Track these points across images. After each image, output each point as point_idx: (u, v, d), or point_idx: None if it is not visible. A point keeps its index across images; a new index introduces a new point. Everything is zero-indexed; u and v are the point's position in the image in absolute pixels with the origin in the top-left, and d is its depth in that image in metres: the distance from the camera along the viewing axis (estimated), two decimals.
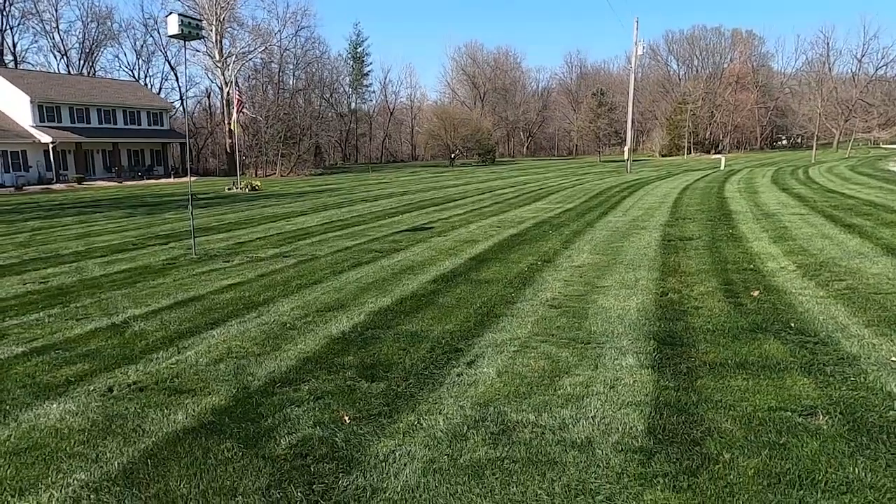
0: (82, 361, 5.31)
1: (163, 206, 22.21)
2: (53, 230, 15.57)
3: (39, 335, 6.20)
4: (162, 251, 11.52)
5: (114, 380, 4.83)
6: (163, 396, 4.43)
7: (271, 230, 14.26)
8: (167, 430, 3.86)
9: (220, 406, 4.19)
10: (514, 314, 6.27)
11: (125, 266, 10.01)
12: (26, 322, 6.72)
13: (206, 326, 6.29)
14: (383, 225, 14.45)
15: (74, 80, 49.15)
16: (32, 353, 5.59)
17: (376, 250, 10.69)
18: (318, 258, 10.11)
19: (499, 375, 4.50)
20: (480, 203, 19.44)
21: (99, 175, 44.23)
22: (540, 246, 10.51)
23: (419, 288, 7.58)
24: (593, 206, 17.44)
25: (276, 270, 9.19)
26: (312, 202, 22.41)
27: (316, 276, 8.66)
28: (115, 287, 8.41)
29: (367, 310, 6.65)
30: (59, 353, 5.55)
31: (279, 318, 6.46)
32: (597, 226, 12.92)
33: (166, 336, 5.99)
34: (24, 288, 8.56)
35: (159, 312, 6.92)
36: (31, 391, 4.65)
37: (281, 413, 4.01)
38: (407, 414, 3.89)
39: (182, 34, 10.19)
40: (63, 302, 7.62)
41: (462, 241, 11.33)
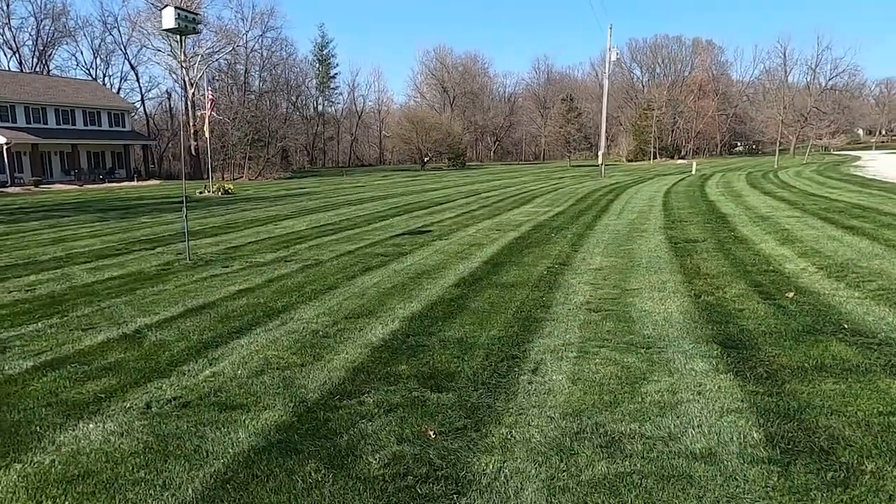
0: (106, 376, 4.87)
1: (135, 210, 21.29)
2: (22, 235, 14.68)
3: (45, 347, 5.70)
4: (151, 256, 10.94)
5: (149, 395, 4.43)
6: (213, 413, 4.07)
7: (261, 234, 13.76)
8: (234, 450, 3.51)
9: (283, 422, 3.86)
10: (554, 318, 6.09)
11: (117, 272, 9.43)
12: (25, 333, 6.20)
13: (230, 335, 5.90)
14: (377, 229, 14.12)
15: (30, 78, 46.95)
16: (45, 368, 5.11)
17: (381, 254, 10.38)
18: (324, 263, 9.74)
19: (573, 383, 4.30)
20: (468, 206, 19.27)
21: (57, 178, 42.32)
22: (549, 249, 10.38)
23: (444, 293, 7.33)
24: (583, 209, 17.47)
25: (283, 276, 8.79)
26: (293, 206, 21.85)
27: (328, 281, 8.31)
28: (113, 295, 7.88)
29: (398, 316, 6.37)
30: (77, 367, 5.09)
31: (307, 326, 6.11)
32: (596, 228, 12.89)
33: (190, 346, 5.58)
34: (10, 296, 7.94)
35: (173, 321, 6.48)
36: (58, 410, 4.21)
37: (355, 429, 3.71)
38: (494, 427, 3.64)
39: (178, 28, 9.72)
40: (60, 311, 7.08)
41: (467, 245, 11.11)
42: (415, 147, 58.80)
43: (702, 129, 77.81)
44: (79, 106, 44.52)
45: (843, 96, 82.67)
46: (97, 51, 64.65)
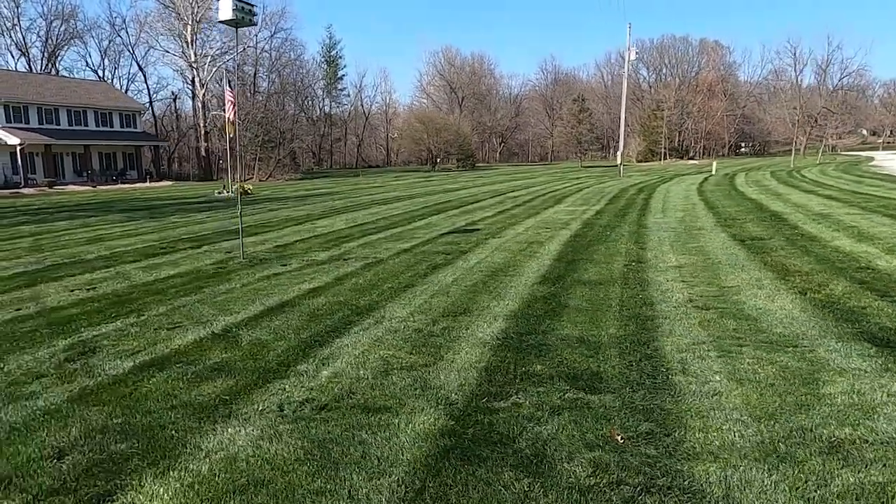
0: (219, 376, 4.59)
1: (159, 210, 21.02)
2: (56, 234, 14.40)
3: (137, 347, 5.42)
4: (200, 255, 10.66)
5: (276, 398, 4.15)
6: (357, 416, 3.78)
7: (302, 233, 13.47)
8: (407, 456, 3.23)
9: (443, 426, 3.58)
10: (665, 316, 5.81)
11: (173, 271, 9.16)
12: (108, 332, 5.92)
13: (328, 335, 5.61)
14: (420, 228, 13.83)
15: (42, 79, 46.74)
16: (149, 368, 4.84)
17: (441, 252, 10.09)
18: (385, 261, 9.45)
19: (737, 383, 4.02)
20: (502, 206, 18.98)
21: (69, 179, 42.07)
22: (613, 247, 10.09)
23: (532, 290, 7.05)
24: (622, 207, 17.19)
25: (350, 274, 8.50)
26: (321, 205, 21.56)
27: (401, 279, 8.02)
28: (181, 293, 7.60)
29: (497, 314, 6.09)
30: (183, 368, 4.81)
31: (406, 325, 5.83)
32: (648, 227, 12.59)
33: (293, 346, 5.30)
34: (74, 295, 7.67)
35: (258, 320, 6.20)
36: (186, 413, 3.93)
37: (529, 433, 3.43)
38: (684, 431, 3.36)
39: (234, 20, 9.45)
40: (133, 310, 6.80)
41: (525, 243, 10.83)
42: (425, 148, 58.51)
43: (711, 130, 77.56)
44: (91, 107, 44.28)
45: (851, 97, 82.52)
46: (105, 52, 64.45)
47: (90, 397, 4.28)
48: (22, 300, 7.49)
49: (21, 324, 6.36)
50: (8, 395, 4.38)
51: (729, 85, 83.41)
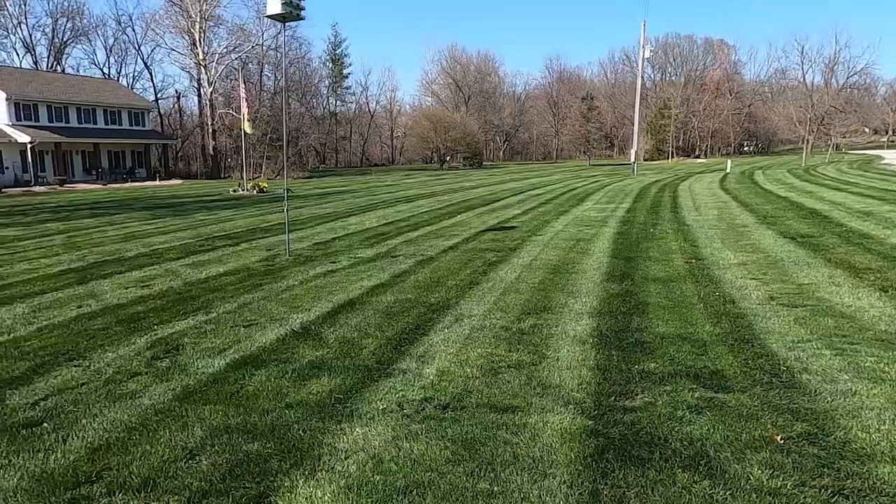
0: (322, 375, 4.48)
1: (181, 208, 20.87)
2: (87, 232, 14.26)
3: (222, 345, 5.31)
4: (242, 252, 10.54)
5: (390, 396, 4.04)
6: (489, 415, 3.67)
7: (337, 230, 13.35)
8: (562, 456, 3.12)
9: (584, 426, 3.47)
10: (754, 314, 5.70)
11: (222, 268, 9.04)
12: (184, 330, 5.81)
13: (412, 332, 5.51)
14: (455, 225, 13.72)
15: (51, 77, 46.57)
16: (244, 366, 4.73)
17: (489, 250, 9.98)
18: (435, 259, 9.34)
19: (872, 382, 3.92)
20: (529, 203, 18.87)
21: (78, 178, 41.90)
22: (664, 244, 9.98)
23: (604, 288, 6.95)
24: (651, 205, 17.08)
25: (405, 271, 8.39)
26: (343, 203, 21.42)
27: (462, 276, 7.91)
28: (240, 290, 7.49)
29: (579, 311, 5.98)
30: (280, 366, 4.70)
31: (490, 322, 5.72)
32: (688, 224, 12.47)
33: (382, 344, 5.19)
34: (130, 292, 7.55)
35: (333, 317, 6.09)
36: (304, 412, 3.83)
37: (679, 433, 3.33)
38: (844, 432, 3.26)
39: (283, 14, 9.34)
40: (199, 307, 6.69)
41: (570, 240, 10.72)
42: (434, 146, 58.36)
43: (718, 128, 77.45)
44: (100, 105, 44.11)
45: (855, 95, 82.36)
46: (110, 50, 64.26)
47: (196, 396, 4.17)
48: (80, 297, 7.38)
49: (90, 321, 6.25)
50: (109, 394, 4.27)
51: (735, 84, 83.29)
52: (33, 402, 4.19)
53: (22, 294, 7.64)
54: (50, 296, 7.52)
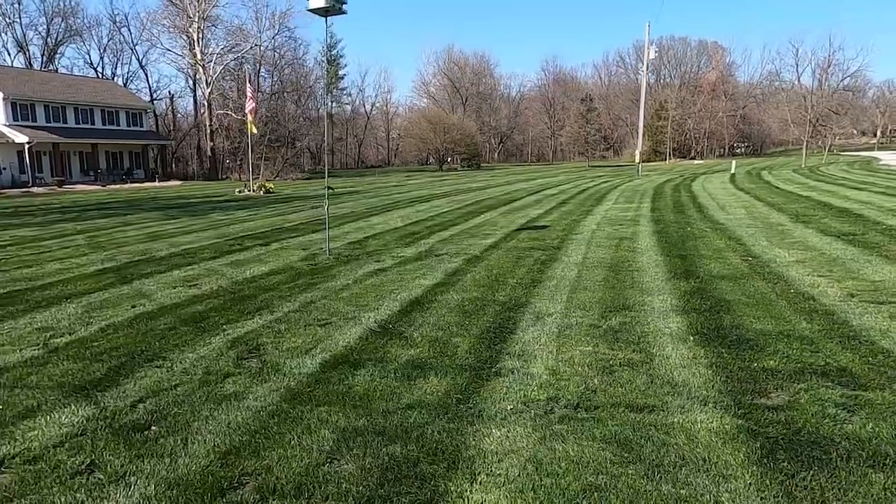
0: (427, 374, 4.32)
1: (192, 208, 20.57)
2: (106, 232, 13.95)
3: (304, 344, 5.13)
4: (279, 252, 10.32)
5: (511, 395, 3.89)
6: (628, 415, 3.53)
7: (364, 230, 13.16)
8: (731, 458, 2.98)
9: (737, 425, 3.33)
10: (840, 310, 5.59)
11: (264, 268, 8.83)
12: (256, 329, 5.63)
13: (497, 331, 5.36)
14: (484, 224, 13.57)
15: (48, 76, 45.92)
16: (339, 366, 4.55)
17: (534, 248, 9.84)
18: (482, 257, 9.18)
19: None
20: (546, 203, 18.77)
21: (76, 178, 41.32)
22: (710, 242, 9.89)
23: (675, 286, 6.83)
24: (673, 205, 17.01)
25: (458, 270, 8.22)
26: (358, 203, 21.18)
27: (519, 274, 7.76)
28: (295, 289, 7.30)
29: (661, 309, 5.86)
30: (378, 365, 4.53)
31: (575, 321, 5.58)
32: (722, 223, 12.38)
33: (473, 343, 5.04)
34: (183, 292, 7.34)
35: (407, 316, 5.93)
36: (430, 414, 3.67)
37: (841, 432, 3.20)
38: None
39: (326, 7, 9.15)
40: (259, 306, 6.50)
41: (613, 238, 10.60)
42: (433, 147, 58.19)
43: (714, 130, 77.90)
44: (98, 105, 43.56)
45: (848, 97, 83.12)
46: (104, 50, 63.53)
47: (304, 397, 3.99)
48: (129, 297, 7.16)
49: (152, 321, 6.04)
50: (210, 396, 4.07)
51: (729, 86, 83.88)
52: (130, 405, 3.99)
53: (66, 294, 7.41)
54: (97, 295, 7.29)
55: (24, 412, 3.96)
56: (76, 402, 4.07)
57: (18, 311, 6.67)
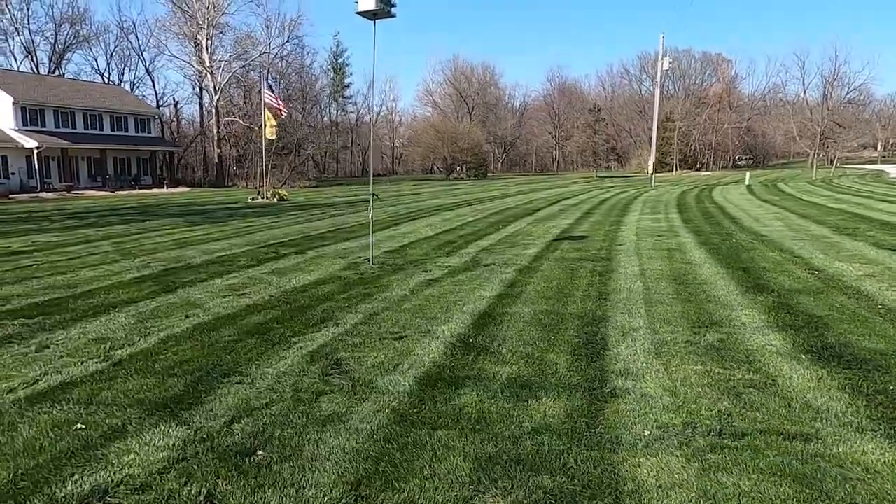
0: (538, 394, 4.04)
1: (212, 215, 20.28)
2: (132, 238, 13.62)
3: (385, 359, 4.84)
4: (318, 260, 10.03)
5: (642, 421, 3.59)
6: (794, 444, 3.23)
7: (398, 238, 12.90)
8: None
9: None
10: None
11: (310, 277, 8.55)
12: (330, 343, 5.34)
13: (589, 346, 5.07)
14: (518, 234, 13.30)
15: (57, 81, 45.75)
16: (437, 383, 4.27)
17: (583, 259, 9.57)
18: (533, 268, 8.90)
19: None
20: (572, 213, 18.52)
21: (84, 184, 41.02)
22: (763, 254, 9.63)
23: (753, 300, 6.57)
24: (701, 216, 16.77)
25: (516, 281, 7.94)
26: (378, 213, 20.82)
27: (581, 285, 7.48)
28: (352, 300, 7.01)
29: (752, 325, 5.58)
30: (481, 384, 4.25)
31: (666, 337, 5.30)
32: (766, 235, 12.13)
33: (569, 359, 4.76)
34: (236, 302, 7.04)
35: (483, 329, 5.65)
36: (560, 439, 3.39)
37: None
38: None
39: (374, 10, 8.93)
40: (322, 318, 6.22)
41: (661, 250, 10.34)
42: (440, 156, 58.03)
43: (720, 141, 77.98)
44: (107, 111, 43.38)
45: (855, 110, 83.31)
46: (111, 56, 63.42)
47: (414, 419, 3.69)
48: (178, 306, 6.87)
49: (213, 332, 5.74)
50: (310, 417, 3.77)
51: (734, 97, 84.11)
52: (225, 426, 3.69)
53: (111, 302, 7.11)
54: (144, 304, 7.00)
55: (110, 433, 3.67)
56: (164, 422, 3.78)
57: (67, 320, 6.38)
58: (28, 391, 4.39)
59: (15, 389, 4.44)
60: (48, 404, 4.15)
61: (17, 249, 11.87)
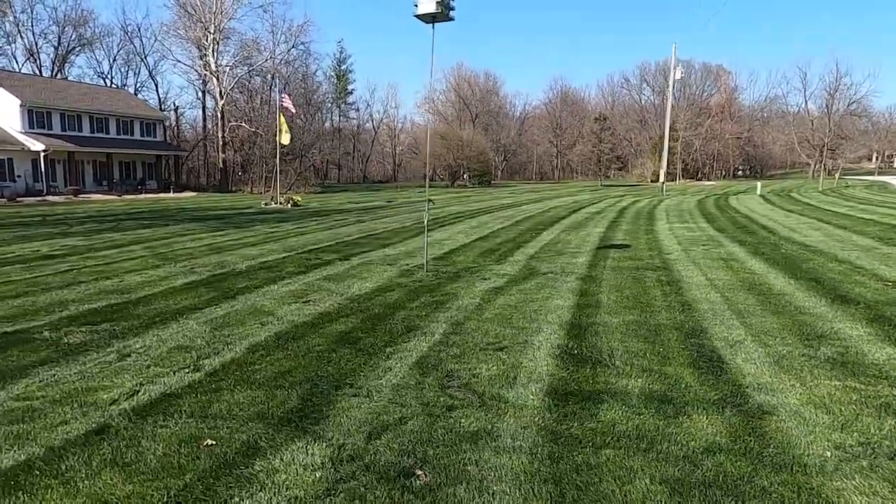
0: (685, 411, 3.86)
1: (231, 220, 20.01)
2: (163, 242, 13.32)
3: (502, 372, 4.65)
4: (369, 267, 9.82)
5: (816, 443, 3.40)
6: None
7: (435, 246, 12.65)
8: None
9: None
10: None
11: (369, 284, 8.34)
12: (432, 354, 5.16)
13: (701, 360, 4.89)
14: (556, 242, 13.14)
15: (64, 84, 45.41)
16: (568, 397, 4.08)
17: (638, 268, 9.40)
18: (593, 277, 8.72)
19: None
20: (600, 222, 18.38)
21: (89, 188, 40.64)
22: (823, 265, 9.48)
23: (846, 311, 6.40)
24: (732, 225, 16.66)
25: (584, 290, 7.75)
26: (400, 219, 20.73)
27: (653, 296, 7.31)
28: (425, 308, 6.82)
29: (861, 336, 5.40)
30: (620, 398, 4.06)
31: (782, 350, 5.13)
32: (807, 244, 12.01)
33: (690, 373, 4.57)
34: (306, 309, 6.82)
35: (580, 341, 5.47)
36: (745, 462, 3.17)
37: None
38: None
39: (433, 14, 8.79)
40: (408, 328, 6.03)
41: (715, 259, 10.20)
42: (445, 163, 57.91)
43: (722, 152, 78.30)
44: (114, 114, 43.05)
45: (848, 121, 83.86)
46: (114, 60, 63.13)
47: (566, 436, 3.49)
48: (249, 313, 6.65)
49: (299, 341, 5.53)
50: (452, 432, 3.57)
51: (735, 108, 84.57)
52: (365, 443, 3.48)
53: (173, 309, 6.90)
54: (209, 311, 6.79)
55: (245, 449, 3.45)
56: (297, 438, 3.56)
57: (136, 327, 6.16)
58: (132, 403, 4.18)
59: (117, 401, 4.22)
60: (160, 417, 3.93)
61: (47, 253, 11.60)
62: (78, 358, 5.18)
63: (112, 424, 3.84)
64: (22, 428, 3.80)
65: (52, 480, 3.13)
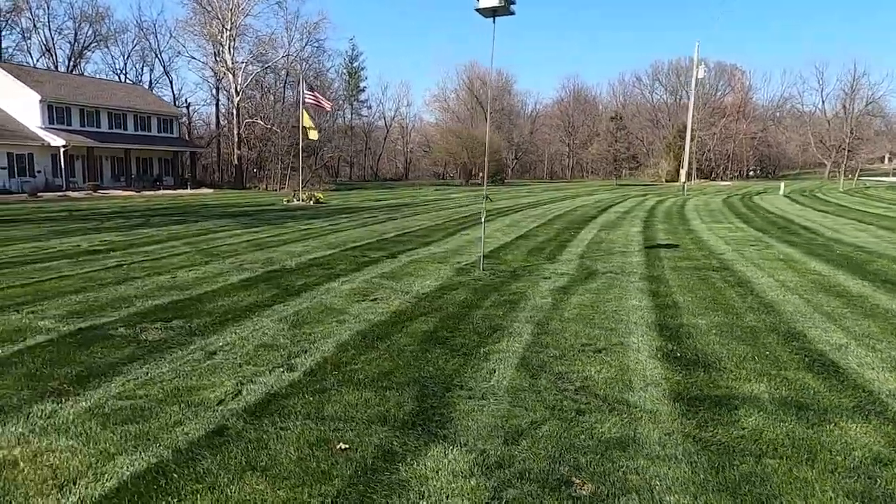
0: (834, 420, 3.67)
1: (260, 216, 19.92)
2: (203, 238, 13.20)
3: (612, 376, 4.52)
4: (420, 264, 9.70)
5: None
6: None
7: (477, 244, 12.48)
8: None
9: None
10: None
11: (431, 283, 8.22)
12: (528, 356, 5.02)
13: (813, 364, 4.73)
14: (600, 241, 12.97)
15: (81, 80, 45.49)
16: (700, 402, 3.95)
17: (696, 268, 9.23)
18: (661, 278, 8.55)
19: None
20: (632, 222, 18.21)
21: (107, 184, 40.70)
22: (885, 266, 9.29)
23: None
24: (770, 225, 16.44)
25: (654, 291, 7.60)
26: (428, 217, 20.59)
27: (730, 297, 7.16)
28: (500, 308, 6.69)
29: None
30: (757, 407, 3.89)
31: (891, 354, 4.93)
32: (858, 244, 11.80)
33: (817, 381, 4.39)
34: (376, 308, 6.70)
35: (677, 343, 5.34)
36: None
37: None
38: None
39: (494, 8, 8.64)
40: (492, 328, 5.90)
41: (768, 259, 10.03)
42: (460, 161, 57.72)
43: (736, 152, 77.79)
44: (132, 110, 43.11)
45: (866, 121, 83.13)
46: (129, 56, 63.28)
47: (717, 441, 3.33)
48: (321, 311, 6.55)
49: (385, 340, 5.40)
50: (594, 438, 3.42)
51: (750, 108, 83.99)
52: (504, 449, 3.33)
53: (240, 306, 6.79)
54: (279, 308, 6.67)
55: (381, 454, 3.32)
56: (430, 443, 3.44)
57: (209, 324, 6.04)
58: (240, 403, 4.05)
59: (224, 401, 4.10)
60: (277, 418, 3.80)
61: (88, 249, 11.52)
62: (164, 355, 5.06)
63: (229, 426, 3.72)
64: (138, 428, 3.68)
65: (196, 485, 3.01)
